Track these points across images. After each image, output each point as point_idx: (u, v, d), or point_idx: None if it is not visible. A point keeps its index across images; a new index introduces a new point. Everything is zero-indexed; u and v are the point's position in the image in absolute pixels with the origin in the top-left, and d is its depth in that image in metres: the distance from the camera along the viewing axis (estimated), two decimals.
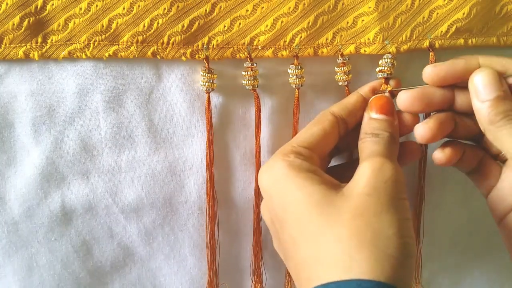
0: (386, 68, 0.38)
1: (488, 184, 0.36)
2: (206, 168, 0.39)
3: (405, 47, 0.40)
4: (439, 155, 0.37)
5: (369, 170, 0.31)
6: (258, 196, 0.41)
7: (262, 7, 0.38)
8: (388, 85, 0.39)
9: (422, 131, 0.35)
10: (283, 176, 0.32)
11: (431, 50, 0.40)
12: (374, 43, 0.39)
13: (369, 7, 0.39)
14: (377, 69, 0.39)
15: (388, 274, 0.27)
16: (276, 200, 0.32)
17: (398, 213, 0.29)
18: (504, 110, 0.32)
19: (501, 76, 0.33)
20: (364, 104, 0.38)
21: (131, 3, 0.36)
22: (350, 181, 0.32)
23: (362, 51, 0.39)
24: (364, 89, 0.38)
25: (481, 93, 0.33)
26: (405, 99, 0.36)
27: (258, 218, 0.41)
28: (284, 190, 0.32)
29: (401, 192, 0.31)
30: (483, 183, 0.37)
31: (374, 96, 0.37)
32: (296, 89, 0.39)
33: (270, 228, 0.36)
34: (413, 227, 0.44)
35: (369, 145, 0.33)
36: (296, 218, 0.31)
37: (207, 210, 0.40)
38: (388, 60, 0.38)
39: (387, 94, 0.38)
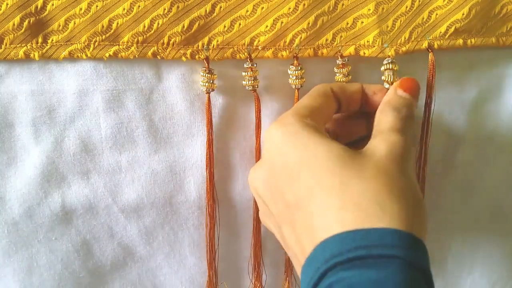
0: (388, 79, 0.39)
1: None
2: (206, 168, 0.40)
3: (404, 49, 0.40)
4: None
5: (387, 143, 0.31)
6: None
7: (262, 8, 0.38)
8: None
9: None
10: (299, 131, 0.32)
11: (430, 50, 0.40)
12: (374, 46, 0.39)
13: (369, 9, 0.39)
14: (383, 78, 0.39)
15: (419, 230, 0.27)
16: (291, 154, 0.31)
17: (415, 179, 0.31)
18: None
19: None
20: (361, 96, 0.38)
21: (131, 3, 0.36)
22: (366, 147, 0.32)
23: (361, 53, 0.39)
24: (368, 87, 0.38)
25: None
26: None
27: (258, 218, 0.42)
28: (301, 144, 0.31)
29: (413, 168, 0.32)
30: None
31: (405, 77, 0.37)
32: (296, 90, 0.39)
33: (264, 194, 0.33)
34: None
35: (390, 118, 0.34)
36: (316, 170, 0.30)
37: (207, 209, 0.40)
38: (390, 66, 0.38)
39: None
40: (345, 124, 0.39)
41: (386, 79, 0.39)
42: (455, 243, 0.48)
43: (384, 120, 0.34)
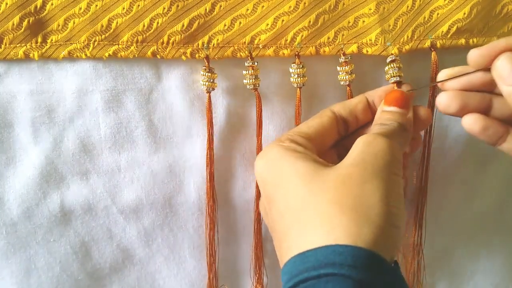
0: (394, 74, 0.38)
1: None
2: (206, 168, 0.39)
3: (407, 47, 0.40)
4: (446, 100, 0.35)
5: (360, 143, 0.31)
6: (259, 197, 0.41)
7: (263, 6, 0.38)
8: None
9: (441, 97, 0.35)
10: (276, 157, 0.32)
11: (433, 49, 0.40)
12: (376, 44, 0.39)
13: (370, 9, 0.39)
14: (386, 76, 0.39)
15: (368, 239, 0.27)
16: (269, 180, 0.32)
17: (384, 183, 0.29)
18: None
19: None
20: (367, 107, 0.37)
21: (130, 2, 0.36)
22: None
23: (364, 51, 0.39)
24: (372, 93, 0.38)
25: (506, 78, 0.32)
26: (442, 99, 0.35)
27: (258, 219, 0.41)
28: (276, 169, 0.32)
29: (394, 168, 0.30)
30: None
31: (390, 91, 0.37)
32: (298, 89, 0.39)
33: (264, 216, 0.35)
34: (415, 228, 0.44)
35: (374, 130, 0.33)
36: (284, 193, 0.31)
37: (207, 210, 0.40)
38: (394, 65, 0.38)
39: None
40: None
41: (392, 75, 0.38)
42: (457, 246, 0.48)
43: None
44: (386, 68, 0.39)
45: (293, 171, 0.31)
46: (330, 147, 0.37)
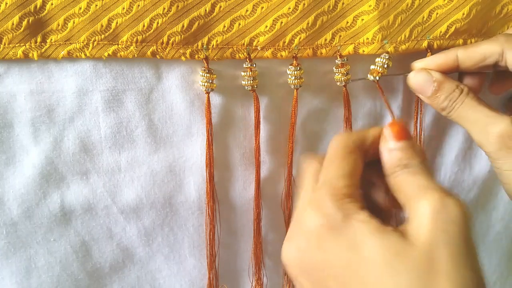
0: (379, 68, 0.38)
1: None
2: (206, 168, 0.39)
3: (404, 47, 0.40)
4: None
5: (430, 213, 0.26)
6: (258, 196, 0.41)
7: (262, 7, 0.38)
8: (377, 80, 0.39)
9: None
10: (344, 226, 0.27)
11: (429, 50, 0.40)
12: (373, 43, 0.39)
13: (370, 5, 0.39)
14: (372, 67, 0.39)
15: None
16: (336, 254, 0.27)
17: (474, 258, 0.26)
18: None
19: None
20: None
21: (130, 2, 0.36)
22: (409, 223, 0.28)
23: (360, 51, 0.39)
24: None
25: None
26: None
27: (258, 219, 0.41)
28: (346, 244, 0.27)
29: (470, 227, 0.27)
30: None
31: (387, 125, 0.32)
32: (295, 90, 0.39)
33: (304, 280, 0.30)
34: None
35: (408, 178, 0.29)
36: (366, 280, 0.26)
37: (207, 210, 0.40)
38: (384, 60, 0.38)
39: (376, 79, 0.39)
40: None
41: (379, 65, 0.39)
42: None
43: (403, 183, 0.29)
44: (377, 59, 0.39)
45: (375, 252, 0.26)
46: None
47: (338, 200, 0.28)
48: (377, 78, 0.39)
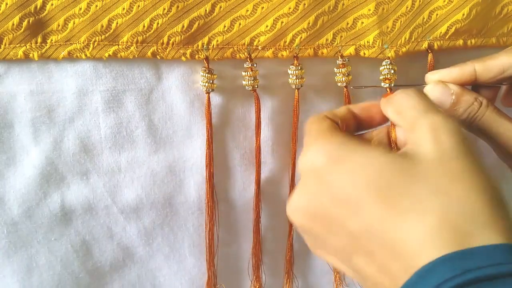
0: (389, 76, 0.38)
1: None
2: (206, 169, 0.39)
3: (404, 49, 0.40)
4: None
5: (432, 131, 0.27)
6: (258, 197, 0.41)
7: (262, 7, 0.38)
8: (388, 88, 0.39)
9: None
10: (340, 151, 0.28)
11: (429, 51, 0.40)
12: (374, 47, 0.39)
13: (369, 9, 0.39)
14: (381, 77, 0.39)
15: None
16: (338, 180, 0.27)
17: (479, 165, 0.26)
18: None
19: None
20: (352, 117, 0.34)
21: (130, 3, 0.36)
22: (410, 145, 0.28)
23: (361, 53, 0.39)
24: (354, 106, 0.35)
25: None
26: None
27: (258, 219, 0.42)
28: (349, 164, 0.28)
29: (470, 142, 0.28)
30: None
31: (383, 96, 0.34)
32: (296, 90, 0.39)
33: (313, 228, 0.29)
34: None
35: (406, 101, 0.30)
36: (380, 194, 0.26)
37: (207, 210, 0.40)
38: (390, 67, 0.38)
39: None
40: None
41: (385, 76, 0.39)
42: None
43: (403, 108, 0.30)
44: (381, 68, 0.39)
45: (382, 165, 0.27)
46: None
47: (326, 138, 0.30)
48: (392, 84, 0.39)
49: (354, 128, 0.35)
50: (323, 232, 0.29)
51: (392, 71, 0.38)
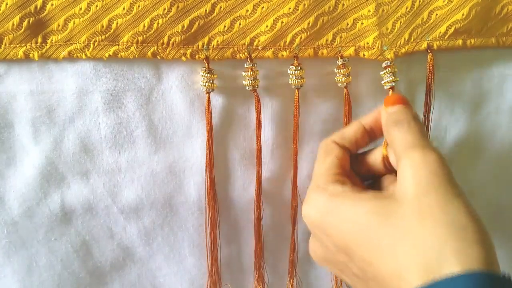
0: (389, 80, 0.39)
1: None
2: (206, 169, 0.39)
3: (403, 50, 0.40)
4: None
5: (411, 169, 0.29)
6: (259, 197, 0.41)
7: (262, 7, 0.38)
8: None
9: None
10: (330, 205, 0.32)
11: (429, 51, 0.40)
12: (373, 48, 0.39)
13: (369, 10, 0.39)
14: (383, 82, 0.39)
15: (483, 261, 0.25)
16: (332, 231, 0.31)
17: (460, 197, 0.28)
18: None
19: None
20: (364, 132, 0.37)
21: (131, 3, 0.36)
22: (395, 183, 0.31)
23: (361, 54, 0.39)
24: (367, 118, 0.37)
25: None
26: None
27: (259, 219, 0.42)
28: (337, 216, 0.31)
29: (451, 175, 0.29)
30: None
31: (386, 96, 0.36)
32: (296, 90, 0.39)
33: (332, 267, 0.34)
34: None
35: (398, 135, 0.32)
36: (361, 238, 0.29)
37: (207, 211, 0.40)
38: (389, 70, 0.39)
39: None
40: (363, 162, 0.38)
41: (388, 81, 0.39)
42: None
43: (393, 139, 0.33)
44: (382, 73, 0.39)
45: (359, 216, 0.30)
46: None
47: (319, 187, 0.34)
48: (394, 84, 0.39)
49: (367, 141, 0.37)
50: (337, 271, 0.34)
51: (392, 77, 0.39)
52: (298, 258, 0.44)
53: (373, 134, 0.37)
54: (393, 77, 0.39)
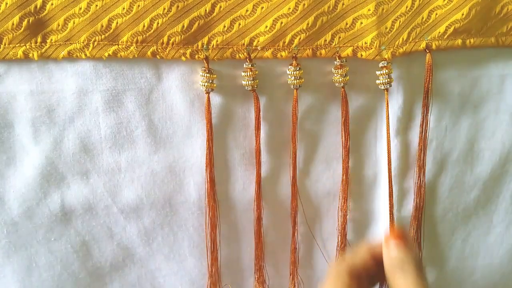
0: (385, 81, 0.39)
1: None
2: (206, 168, 0.39)
3: (401, 50, 0.40)
4: None
5: None
6: (259, 197, 0.41)
7: (262, 7, 0.38)
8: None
9: None
10: None
11: (428, 51, 0.40)
12: (371, 48, 0.39)
13: (369, 9, 0.39)
14: (377, 82, 0.40)
15: None
16: None
17: None
18: None
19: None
20: (373, 259, 0.37)
21: (130, 3, 0.36)
22: None
23: (358, 55, 0.39)
24: (375, 246, 0.37)
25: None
26: None
27: (259, 219, 0.41)
28: None
29: None
30: None
31: (388, 232, 0.36)
32: (295, 90, 0.39)
33: None
34: (415, 231, 0.44)
35: (401, 283, 0.34)
36: None
37: (207, 210, 0.40)
38: (385, 71, 0.39)
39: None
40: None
41: (382, 82, 0.39)
42: (456, 244, 0.48)
43: (399, 286, 0.34)
44: (378, 73, 0.39)
45: None
46: None
47: None
48: (388, 86, 0.40)
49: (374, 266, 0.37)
50: None
51: (387, 79, 0.39)
52: (298, 259, 0.44)
53: (380, 260, 0.37)
54: (388, 79, 0.39)
